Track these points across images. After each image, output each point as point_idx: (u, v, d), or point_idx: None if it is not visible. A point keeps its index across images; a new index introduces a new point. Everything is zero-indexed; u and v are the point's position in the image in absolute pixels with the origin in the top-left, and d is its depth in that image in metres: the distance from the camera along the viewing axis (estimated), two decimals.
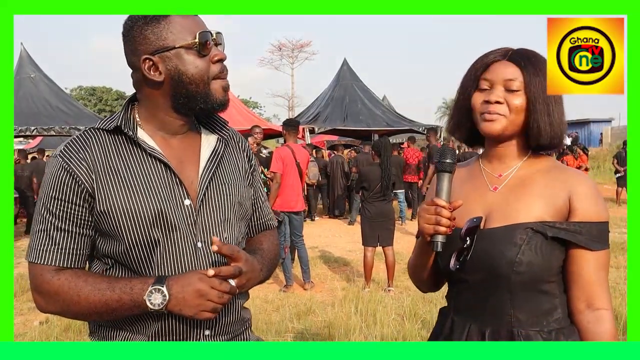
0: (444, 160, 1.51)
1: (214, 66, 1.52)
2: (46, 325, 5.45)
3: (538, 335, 1.49)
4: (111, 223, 1.47)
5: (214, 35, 1.52)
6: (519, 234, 1.48)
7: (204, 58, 1.50)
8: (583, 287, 1.51)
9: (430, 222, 1.48)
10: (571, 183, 1.52)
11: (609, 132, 35.26)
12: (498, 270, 1.49)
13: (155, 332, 1.51)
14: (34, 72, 14.30)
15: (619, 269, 7.60)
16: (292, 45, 49.52)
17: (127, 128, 1.52)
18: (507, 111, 1.53)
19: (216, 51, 1.53)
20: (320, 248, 9.97)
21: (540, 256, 1.47)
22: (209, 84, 1.52)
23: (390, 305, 5.95)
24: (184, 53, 1.49)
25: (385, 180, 6.76)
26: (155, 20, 1.48)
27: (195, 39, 1.48)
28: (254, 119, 15.82)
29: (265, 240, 1.80)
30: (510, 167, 1.61)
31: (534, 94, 1.52)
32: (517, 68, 1.54)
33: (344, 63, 19.03)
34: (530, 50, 1.59)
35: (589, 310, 1.51)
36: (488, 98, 1.54)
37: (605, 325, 1.50)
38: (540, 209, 1.51)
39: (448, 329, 1.63)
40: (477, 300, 1.57)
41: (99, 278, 1.49)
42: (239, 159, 1.72)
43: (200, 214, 1.55)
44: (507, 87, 1.53)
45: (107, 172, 1.49)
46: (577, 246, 1.49)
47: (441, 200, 1.48)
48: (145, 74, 1.50)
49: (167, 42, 1.48)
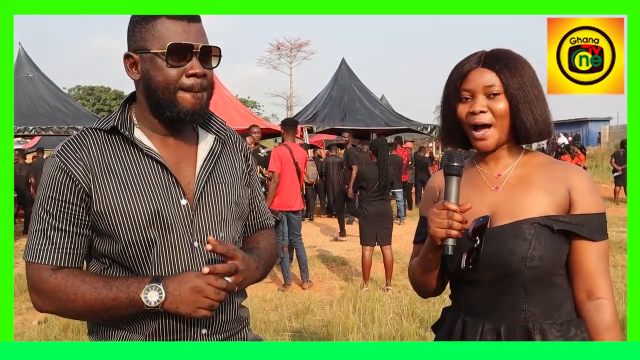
0: (452, 163, 1.51)
1: (186, 79, 1.49)
2: (45, 325, 5.44)
3: (552, 328, 1.52)
4: (108, 223, 1.48)
5: (197, 49, 1.48)
6: (527, 229, 1.50)
7: (175, 68, 1.47)
8: (584, 277, 1.54)
9: (442, 227, 1.47)
10: (569, 177, 1.56)
11: (607, 131, 35.32)
12: (511, 267, 1.51)
13: (152, 331, 1.52)
14: (32, 72, 14.28)
15: (616, 267, 7.61)
16: (290, 44, 49.52)
17: (123, 128, 1.53)
18: (493, 118, 1.56)
19: (193, 65, 1.48)
20: (318, 247, 9.98)
21: (551, 250, 1.51)
22: (175, 94, 1.49)
23: (388, 304, 5.96)
24: (157, 59, 1.47)
25: (383, 179, 6.77)
26: (144, 20, 1.48)
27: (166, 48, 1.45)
28: (252, 118, 15.80)
29: (262, 239, 1.81)
30: (508, 166, 1.63)
31: (514, 95, 1.54)
32: (493, 73, 1.56)
33: (342, 62, 19.02)
34: (503, 51, 1.61)
35: (590, 300, 1.54)
36: (472, 109, 1.57)
37: (605, 313, 1.52)
38: (544, 204, 1.54)
39: (460, 330, 1.63)
40: (490, 299, 1.57)
41: (96, 277, 1.49)
42: (236, 159, 1.73)
43: (197, 213, 1.55)
44: (487, 93, 1.56)
45: (103, 172, 1.49)
46: (580, 238, 1.53)
47: (452, 204, 1.48)
48: (126, 70, 1.53)
49: (145, 44, 1.48)
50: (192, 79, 1.49)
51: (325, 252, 9.55)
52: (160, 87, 1.49)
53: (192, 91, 1.50)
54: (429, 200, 1.78)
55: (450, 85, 1.63)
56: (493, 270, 1.53)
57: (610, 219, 12.32)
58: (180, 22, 1.48)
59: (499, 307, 1.56)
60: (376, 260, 7.21)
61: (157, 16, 1.47)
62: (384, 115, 17.64)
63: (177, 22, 1.47)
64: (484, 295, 1.59)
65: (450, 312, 1.72)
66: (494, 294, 1.56)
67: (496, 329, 1.55)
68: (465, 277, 1.60)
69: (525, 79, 1.55)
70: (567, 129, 38.79)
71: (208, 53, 1.52)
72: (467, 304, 1.64)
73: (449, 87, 1.64)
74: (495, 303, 1.57)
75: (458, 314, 1.66)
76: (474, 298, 1.62)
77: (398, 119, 17.77)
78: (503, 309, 1.55)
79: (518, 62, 1.57)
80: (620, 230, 10.89)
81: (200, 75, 1.49)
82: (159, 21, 1.47)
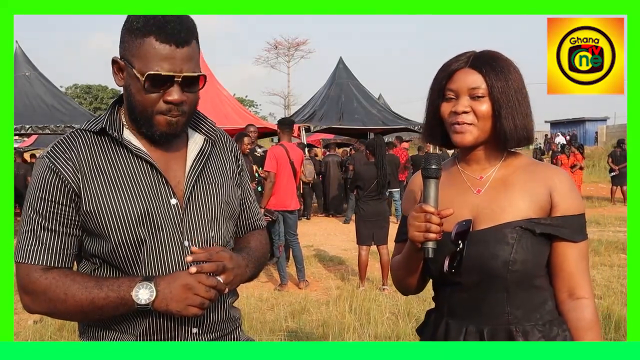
0: (429, 166, 1.52)
1: (164, 104, 1.48)
2: (40, 325, 5.43)
3: (535, 329, 1.53)
4: (98, 223, 1.48)
5: (179, 78, 1.46)
6: (509, 233, 1.51)
7: (153, 93, 1.46)
8: (565, 278, 1.56)
9: (420, 230, 1.49)
10: (550, 179, 1.57)
11: (604, 130, 35.43)
12: (494, 271, 1.52)
13: (143, 331, 1.52)
14: (29, 71, 14.23)
15: (612, 267, 7.63)
16: (288, 43, 49.46)
17: (111, 129, 1.53)
18: (475, 119, 1.56)
19: (172, 92, 1.47)
20: (315, 247, 9.98)
21: (532, 253, 1.52)
22: (152, 116, 1.49)
23: (384, 304, 5.97)
24: (137, 79, 1.46)
25: (380, 179, 6.77)
26: (134, 33, 1.45)
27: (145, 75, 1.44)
28: (250, 117, 15.78)
29: (253, 239, 1.81)
30: (490, 169, 1.64)
31: (497, 99, 1.54)
32: (479, 75, 1.56)
33: (340, 62, 19.01)
34: (491, 53, 1.61)
35: (570, 299, 1.56)
36: (455, 109, 1.57)
37: (586, 312, 1.54)
38: (525, 207, 1.55)
39: (443, 332, 1.63)
40: (473, 301, 1.58)
41: (87, 277, 1.50)
42: (226, 159, 1.73)
43: (187, 213, 1.56)
44: (471, 95, 1.56)
45: (93, 173, 1.50)
46: (561, 239, 1.55)
47: (430, 207, 1.49)
48: (113, 74, 1.53)
49: (131, 58, 1.47)
50: (169, 105, 1.48)
51: (322, 251, 9.55)
52: (137, 106, 1.49)
53: (170, 116, 1.49)
54: (410, 200, 1.79)
55: (436, 83, 1.64)
56: (475, 274, 1.54)
57: (607, 219, 12.35)
58: (167, 46, 1.44)
59: (482, 309, 1.57)
60: (372, 260, 7.21)
61: (146, 33, 1.43)
62: (381, 115, 17.63)
63: (165, 46, 1.44)
64: (466, 298, 1.59)
65: (433, 315, 1.73)
66: (477, 297, 1.57)
67: (479, 331, 1.56)
68: (448, 280, 1.61)
69: (510, 83, 1.55)
70: (564, 129, 38.90)
71: (191, 78, 1.49)
72: (450, 306, 1.64)
73: (434, 85, 1.64)
74: (478, 306, 1.58)
75: (441, 316, 1.67)
76: (456, 301, 1.62)
77: (395, 118, 17.77)
78: (486, 311, 1.57)
79: (505, 66, 1.57)
80: (617, 230, 10.92)
81: (179, 102, 1.48)
82: (147, 40, 1.43)
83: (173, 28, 1.44)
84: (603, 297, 5.91)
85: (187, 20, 1.49)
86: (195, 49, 1.50)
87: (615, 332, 4.82)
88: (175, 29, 1.44)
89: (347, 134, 20.50)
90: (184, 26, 1.46)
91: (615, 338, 4.69)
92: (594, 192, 17.86)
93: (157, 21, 1.44)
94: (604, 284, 6.65)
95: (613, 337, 4.70)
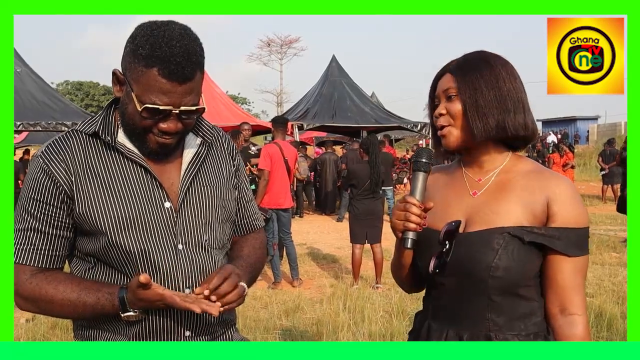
0: (419, 159, 1.54)
1: (157, 130, 1.47)
2: (32, 323, 5.39)
3: (515, 339, 1.49)
4: (90, 225, 1.48)
5: (176, 111, 1.43)
6: (495, 238, 1.48)
7: (149, 119, 1.45)
8: (558, 292, 1.51)
9: (400, 219, 1.51)
10: (550, 187, 1.51)
11: (595, 129, 35.62)
12: (475, 275, 1.49)
13: (136, 332, 1.52)
14: (20, 67, 14.13)
15: (603, 265, 7.68)
16: (280, 41, 49.46)
17: (104, 133, 1.52)
18: (450, 119, 1.57)
19: (167, 121, 1.46)
20: (308, 245, 9.98)
21: (518, 261, 1.47)
22: (146, 134, 1.48)
23: (378, 302, 5.97)
24: (134, 102, 1.43)
25: (374, 177, 6.77)
26: (138, 58, 1.40)
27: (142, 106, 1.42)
28: (242, 115, 15.75)
29: (246, 246, 1.78)
30: (490, 172, 1.61)
31: (464, 100, 1.54)
32: (451, 76, 1.58)
33: (333, 59, 19.01)
34: (474, 53, 1.62)
35: (562, 315, 1.51)
36: (435, 113, 1.61)
37: (576, 330, 1.49)
38: (519, 214, 1.51)
39: (425, 335, 1.63)
40: (455, 305, 1.56)
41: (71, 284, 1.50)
42: (223, 161, 1.71)
43: (181, 216, 1.55)
44: (446, 96, 1.58)
45: (86, 175, 1.50)
46: (555, 251, 1.49)
47: (412, 198, 1.50)
48: (112, 83, 1.52)
49: (130, 80, 1.43)
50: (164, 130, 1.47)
51: (315, 249, 9.55)
52: (132, 123, 1.48)
53: (162, 138, 1.49)
54: None
55: (429, 93, 1.68)
56: (458, 276, 1.53)
57: (598, 218, 12.43)
58: (168, 82, 1.40)
59: (463, 314, 1.55)
60: (366, 259, 7.21)
61: (150, 64, 1.39)
62: (374, 113, 17.64)
63: (166, 81, 1.40)
64: (449, 300, 1.58)
65: (419, 316, 1.72)
66: (459, 301, 1.55)
67: (459, 336, 1.54)
68: (434, 281, 1.60)
69: (481, 82, 1.53)
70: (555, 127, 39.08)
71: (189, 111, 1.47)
72: (434, 308, 1.63)
73: (429, 95, 1.69)
74: (459, 310, 1.56)
75: (425, 318, 1.66)
76: (440, 303, 1.61)
77: (388, 117, 17.78)
78: (466, 316, 1.54)
79: (478, 66, 1.55)
80: (608, 229, 10.99)
81: (174, 132, 1.47)
82: (149, 71, 1.39)
83: (178, 64, 1.38)
84: (595, 296, 5.94)
85: (193, 54, 1.42)
86: (198, 81, 1.46)
87: (607, 330, 4.85)
88: (180, 65, 1.39)
89: (340, 132, 20.51)
90: (189, 61, 1.41)
91: (608, 336, 4.71)
92: (585, 191, 17.95)
93: (162, 53, 1.38)
94: (595, 283, 6.69)
95: (605, 336, 4.73)
